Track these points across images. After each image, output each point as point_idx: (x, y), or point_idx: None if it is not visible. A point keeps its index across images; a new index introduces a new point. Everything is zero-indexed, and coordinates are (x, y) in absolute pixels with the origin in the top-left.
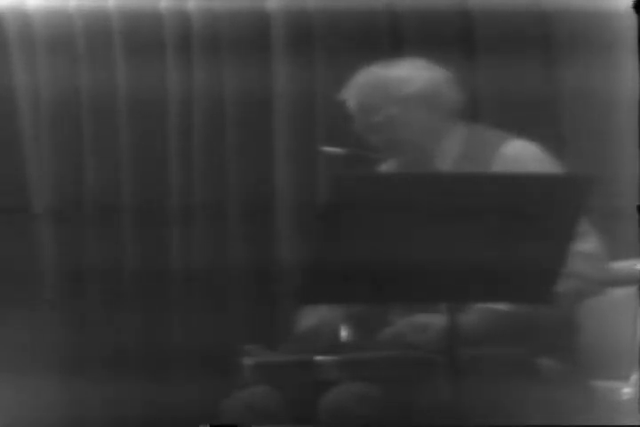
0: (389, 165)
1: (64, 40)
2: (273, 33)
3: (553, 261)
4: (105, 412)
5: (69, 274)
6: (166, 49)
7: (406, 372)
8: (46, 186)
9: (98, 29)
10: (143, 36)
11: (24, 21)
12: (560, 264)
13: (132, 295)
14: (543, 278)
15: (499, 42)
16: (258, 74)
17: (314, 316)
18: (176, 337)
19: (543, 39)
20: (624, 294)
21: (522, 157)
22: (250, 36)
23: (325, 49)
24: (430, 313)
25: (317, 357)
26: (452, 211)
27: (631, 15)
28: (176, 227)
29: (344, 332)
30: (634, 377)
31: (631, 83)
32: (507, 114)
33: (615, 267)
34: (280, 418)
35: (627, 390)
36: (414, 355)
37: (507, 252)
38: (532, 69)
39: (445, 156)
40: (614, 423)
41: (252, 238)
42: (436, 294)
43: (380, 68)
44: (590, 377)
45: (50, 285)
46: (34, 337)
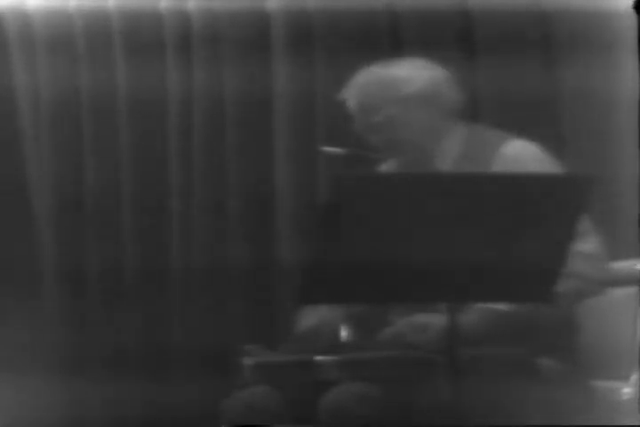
0: (389, 165)
1: (64, 40)
2: (273, 33)
3: (553, 261)
4: (105, 412)
5: (69, 274)
6: (166, 49)
7: (406, 372)
8: (46, 186)
9: (98, 29)
10: (143, 36)
11: (24, 21)
12: (560, 264)
13: (132, 295)
14: (543, 278)
15: (499, 42)
16: (258, 74)
17: (314, 316)
18: (176, 337)
19: (543, 39)
20: (624, 294)
21: (522, 157)
22: (250, 36)
23: (325, 49)
24: (430, 313)
25: (317, 357)
26: (452, 211)
27: (631, 15)
28: (176, 227)
29: (344, 332)
30: (634, 377)
31: (631, 83)
32: (507, 114)
33: (615, 267)
34: (280, 418)
35: (627, 390)
36: (414, 355)
37: (507, 252)
38: (531, 69)
39: (445, 156)
40: (614, 423)
41: (252, 238)
42: (436, 293)
43: (381, 67)
44: (590, 377)
45: (50, 285)
46: (34, 337)
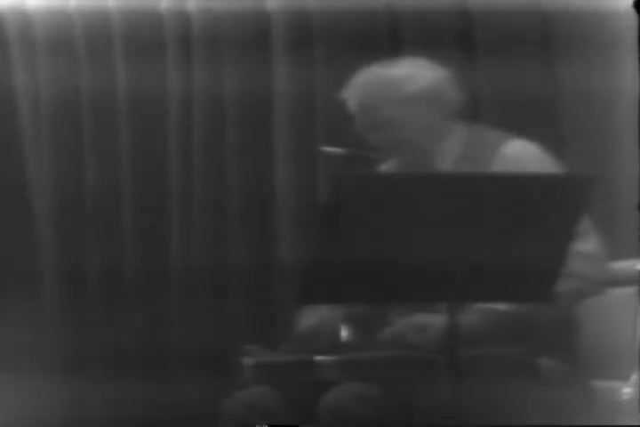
0: (389, 165)
1: (64, 40)
2: (273, 33)
3: (553, 261)
4: (105, 412)
5: (69, 274)
6: (166, 49)
7: (406, 372)
8: (46, 186)
9: (98, 29)
10: (143, 36)
11: (24, 21)
12: (560, 264)
13: (132, 295)
14: (543, 278)
15: (499, 42)
16: (258, 74)
17: (314, 316)
18: (176, 337)
19: (543, 39)
20: (624, 293)
21: (522, 157)
22: (250, 36)
23: (325, 49)
24: (430, 313)
25: (317, 357)
26: (452, 211)
27: (631, 15)
28: (176, 227)
29: (344, 332)
30: (634, 377)
31: (631, 83)
32: (507, 114)
33: (615, 267)
34: (280, 418)
35: (627, 390)
36: (414, 355)
37: (507, 252)
38: (531, 69)
39: (445, 156)
40: (614, 423)
41: (252, 238)
42: (436, 293)
43: (381, 67)
44: (590, 377)
45: (50, 285)
46: (34, 337)
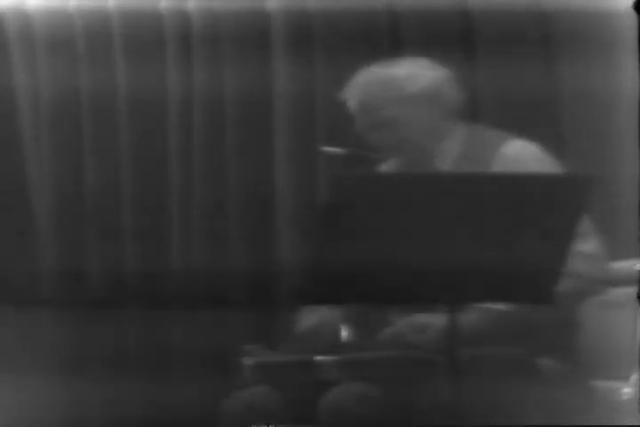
0: (389, 165)
1: (64, 40)
2: (273, 33)
3: (553, 261)
4: (105, 412)
5: (69, 274)
6: (166, 49)
7: (406, 372)
8: (46, 186)
9: (98, 29)
10: (143, 36)
11: (24, 21)
12: (560, 264)
13: (133, 295)
14: (543, 278)
15: (499, 42)
16: (258, 74)
17: (314, 316)
18: (176, 337)
19: (543, 39)
20: (624, 293)
21: (522, 157)
22: (250, 36)
23: (325, 49)
24: (430, 313)
25: (317, 357)
26: (452, 211)
27: (631, 15)
28: (176, 227)
29: (344, 332)
30: (634, 377)
31: (631, 83)
32: (507, 114)
33: (615, 267)
34: (280, 418)
35: (627, 390)
36: (414, 355)
37: (507, 252)
38: (531, 69)
39: (445, 156)
40: (614, 423)
41: (252, 239)
42: (436, 294)
43: (382, 67)
44: (590, 377)
45: (50, 285)
46: (34, 337)
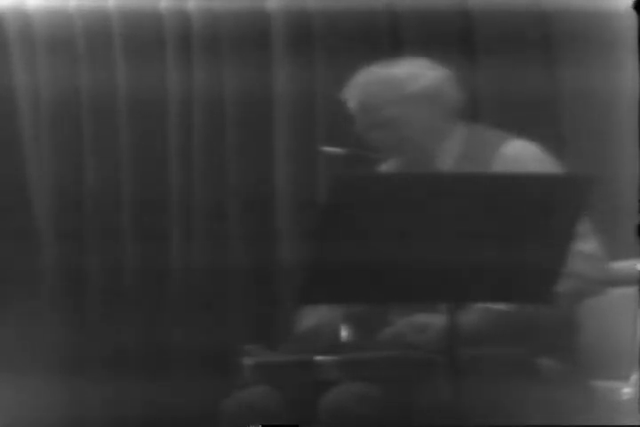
0: (389, 165)
1: (64, 40)
2: (273, 33)
3: (553, 262)
4: (105, 412)
5: (69, 274)
6: (166, 49)
7: (406, 372)
8: (46, 186)
9: (98, 29)
10: (143, 36)
11: (24, 21)
12: (560, 264)
13: (132, 295)
14: (543, 278)
15: (499, 42)
16: (258, 74)
17: (314, 316)
18: (176, 337)
19: (543, 39)
20: (624, 293)
21: (522, 157)
22: (250, 36)
23: (325, 49)
24: (430, 313)
25: (317, 357)
26: (452, 211)
27: (631, 15)
28: (176, 227)
29: (344, 332)
30: (634, 377)
31: (631, 83)
32: (507, 114)
33: (615, 267)
34: (280, 418)
35: (627, 390)
36: (414, 355)
37: (507, 252)
38: (532, 69)
39: (445, 156)
40: (614, 423)
41: (252, 238)
42: (436, 293)
43: (382, 67)
44: (590, 377)
45: (50, 285)
46: (34, 337)
